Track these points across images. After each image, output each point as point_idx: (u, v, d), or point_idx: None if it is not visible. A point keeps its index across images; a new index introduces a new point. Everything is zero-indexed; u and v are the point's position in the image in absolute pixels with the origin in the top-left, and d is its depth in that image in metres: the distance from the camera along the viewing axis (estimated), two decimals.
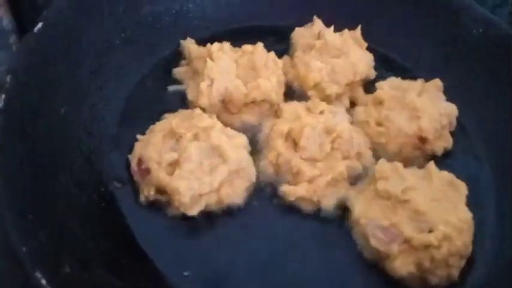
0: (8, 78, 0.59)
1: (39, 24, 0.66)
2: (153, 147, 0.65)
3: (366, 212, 0.63)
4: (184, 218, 0.64)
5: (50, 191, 0.57)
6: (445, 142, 0.75)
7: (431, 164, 0.67)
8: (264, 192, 0.69)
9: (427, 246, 0.58)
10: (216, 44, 0.77)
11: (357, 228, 0.63)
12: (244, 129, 0.74)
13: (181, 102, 0.76)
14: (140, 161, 0.65)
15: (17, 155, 0.55)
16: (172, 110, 0.74)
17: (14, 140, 0.56)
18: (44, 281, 0.45)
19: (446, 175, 0.66)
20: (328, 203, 0.67)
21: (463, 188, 0.64)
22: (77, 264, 0.52)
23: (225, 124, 0.71)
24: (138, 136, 0.68)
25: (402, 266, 0.58)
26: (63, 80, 0.68)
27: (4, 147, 0.54)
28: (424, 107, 0.73)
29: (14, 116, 0.57)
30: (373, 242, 0.60)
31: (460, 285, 0.60)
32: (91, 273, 0.54)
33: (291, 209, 0.67)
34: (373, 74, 0.84)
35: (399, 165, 0.67)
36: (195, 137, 0.66)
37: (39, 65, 0.64)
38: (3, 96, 0.57)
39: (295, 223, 0.66)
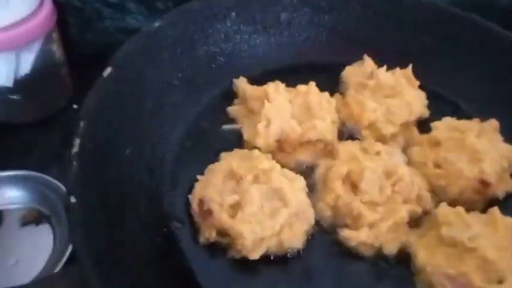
0: (82, 123, 0.61)
1: (109, 69, 0.69)
2: (214, 188, 0.66)
3: (431, 259, 0.61)
4: (244, 260, 0.64)
5: (120, 236, 0.59)
6: (506, 185, 0.73)
7: (496, 210, 0.66)
8: (323, 236, 0.68)
9: None
10: (271, 85, 0.78)
11: (422, 276, 0.62)
12: (298, 169, 0.74)
13: (237, 141, 0.78)
14: (201, 202, 0.66)
15: (91, 201, 0.57)
16: (228, 148, 0.75)
17: (88, 186, 0.57)
18: None
19: (511, 221, 0.64)
20: (390, 248, 0.66)
21: None
22: None
23: (280, 164, 0.71)
24: (198, 176, 0.69)
25: None
26: (127, 121, 0.70)
27: (80, 192, 0.56)
28: (484, 149, 0.72)
29: (87, 161, 0.59)
30: None
31: None
32: None
33: (351, 253, 0.66)
34: (427, 113, 0.83)
35: (462, 210, 0.65)
36: (255, 179, 0.66)
37: (108, 108, 0.67)
38: (77, 140, 0.59)
39: (356, 268, 0.65)
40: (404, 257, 0.66)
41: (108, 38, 0.98)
